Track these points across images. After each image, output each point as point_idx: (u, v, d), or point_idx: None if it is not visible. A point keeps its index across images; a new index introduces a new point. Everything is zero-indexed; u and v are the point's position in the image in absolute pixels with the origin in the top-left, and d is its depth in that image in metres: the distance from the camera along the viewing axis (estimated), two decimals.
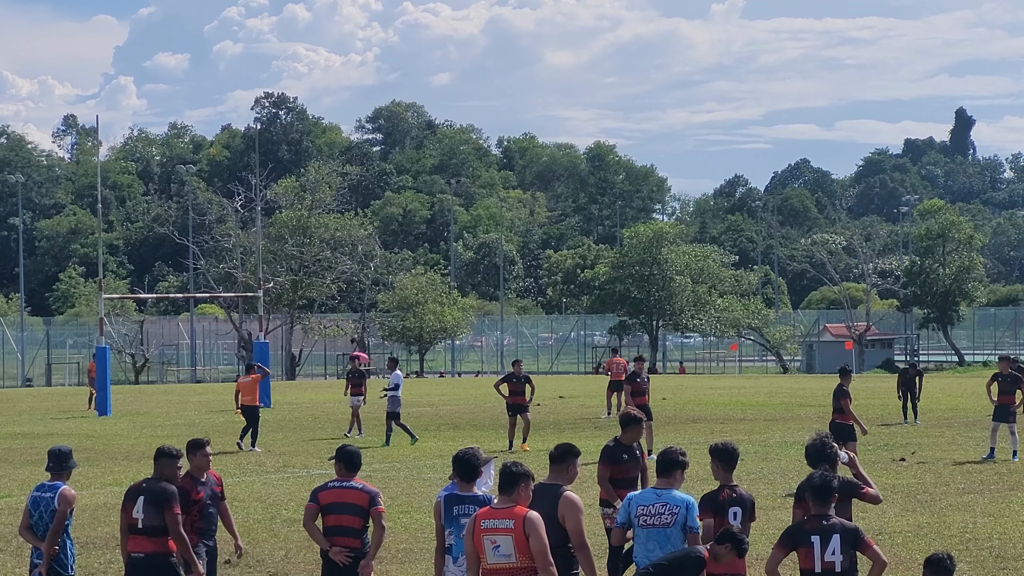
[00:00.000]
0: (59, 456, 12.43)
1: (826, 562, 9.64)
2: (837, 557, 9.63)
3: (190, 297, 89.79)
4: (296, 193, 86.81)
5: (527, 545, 9.46)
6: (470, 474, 10.80)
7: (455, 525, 10.76)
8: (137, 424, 38.95)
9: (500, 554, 9.54)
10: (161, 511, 11.49)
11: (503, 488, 9.70)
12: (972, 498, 20.81)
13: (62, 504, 11.96)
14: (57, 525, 11.91)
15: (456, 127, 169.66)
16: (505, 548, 9.53)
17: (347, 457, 11.72)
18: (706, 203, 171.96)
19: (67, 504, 12.01)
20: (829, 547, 9.65)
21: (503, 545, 9.54)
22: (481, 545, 9.56)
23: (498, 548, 9.54)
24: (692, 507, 10.79)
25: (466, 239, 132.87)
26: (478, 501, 10.71)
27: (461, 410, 42.32)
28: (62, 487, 12.08)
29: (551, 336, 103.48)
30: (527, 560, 9.48)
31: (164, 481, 11.68)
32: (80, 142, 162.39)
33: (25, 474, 26.43)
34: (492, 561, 9.55)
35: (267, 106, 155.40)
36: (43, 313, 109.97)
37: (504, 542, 9.53)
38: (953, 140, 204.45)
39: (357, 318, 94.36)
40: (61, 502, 11.97)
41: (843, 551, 9.64)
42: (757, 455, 26.91)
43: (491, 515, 9.62)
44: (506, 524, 9.54)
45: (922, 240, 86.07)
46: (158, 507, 11.51)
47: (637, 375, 28.46)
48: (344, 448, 11.84)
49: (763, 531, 17.82)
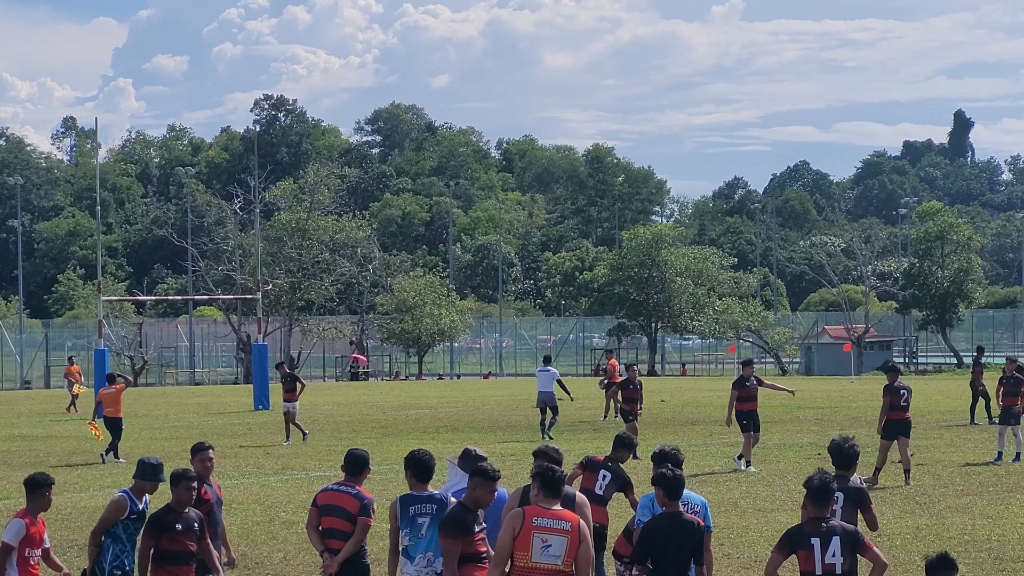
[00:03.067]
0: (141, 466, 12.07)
1: (827, 564, 9.64)
2: (837, 559, 9.64)
3: (189, 299, 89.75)
4: (295, 195, 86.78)
5: (577, 550, 9.54)
6: (425, 474, 10.92)
7: (412, 525, 10.81)
8: (136, 426, 38.90)
9: (550, 554, 9.53)
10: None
11: (549, 490, 9.68)
12: (971, 500, 20.81)
13: (107, 508, 11.81)
14: (96, 526, 11.82)
15: (455, 129, 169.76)
16: (557, 549, 9.54)
17: (351, 460, 11.72)
18: (705, 205, 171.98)
19: (108, 508, 11.79)
20: (829, 549, 9.65)
21: (555, 546, 9.54)
22: (528, 542, 9.51)
23: (548, 548, 9.53)
24: (707, 507, 10.83)
25: (465, 241, 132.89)
26: (435, 501, 10.79)
27: (459, 412, 42.31)
28: (119, 493, 11.87)
29: (550, 338, 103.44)
30: (571, 564, 9.55)
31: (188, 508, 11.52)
32: (79, 144, 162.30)
33: (24, 476, 26.42)
34: (537, 560, 9.52)
35: (266, 108, 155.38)
36: (42, 315, 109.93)
37: (558, 543, 9.53)
38: (952, 142, 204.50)
39: (356, 320, 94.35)
40: (108, 506, 11.83)
41: (843, 553, 9.65)
42: (756, 457, 26.91)
43: (544, 514, 9.59)
44: (563, 526, 9.56)
45: (921, 242, 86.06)
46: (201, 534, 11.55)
47: (631, 382, 28.90)
48: (351, 452, 11.84)
49: (762, 533, 17.83)
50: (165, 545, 11.26)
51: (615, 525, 13.91)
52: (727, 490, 22.18)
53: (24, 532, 11.06)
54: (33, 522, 11.18)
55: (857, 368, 78.53)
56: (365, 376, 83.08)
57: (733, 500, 21.05)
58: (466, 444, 11.53)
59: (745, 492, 22.05)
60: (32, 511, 11.27)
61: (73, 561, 16.94)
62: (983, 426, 33.29)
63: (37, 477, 11.51)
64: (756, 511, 19.98)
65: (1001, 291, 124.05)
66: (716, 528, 16.10)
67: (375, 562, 16.49)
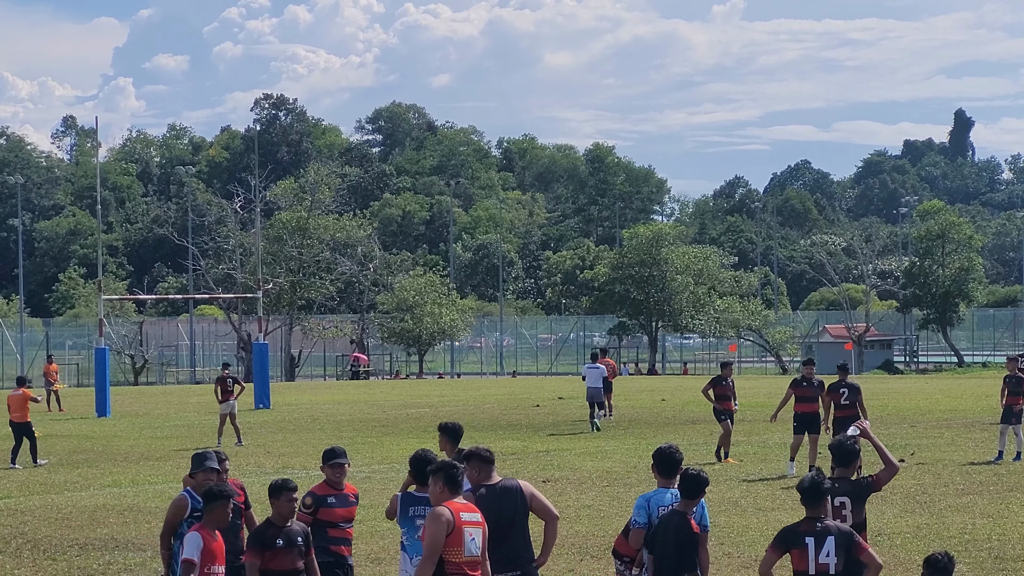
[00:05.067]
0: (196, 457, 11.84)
1: (820, 564, 9.61)
2: (832, 559, 9.60)
3: (189, 298, 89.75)
4: (295, 194, 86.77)
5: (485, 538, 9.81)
6: (424, 475, 10.90)
7: (410, 525, 10.88)
8: (136, 425, 38.93)
9: (476, 546, 9.69)
10: None
11: (454, 485, 9.80)
12: (971, 499, 20.80)
13: (169, 509, 11.64)
14: (163, 528, 11.66)
15: (456, 128, 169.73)
16: (479, 540, 9.75)
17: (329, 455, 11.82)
18: (705, 204, 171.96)
19: (170, 509, 11.62)
20: (824, 549, 9.62)
21: (478, 538, 9.73)
22: (461, 538, 9.62)
23: (474, 540, 9.69)
24: (705, 507, 10.81)
25: (465, 240, 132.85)
26: None
27: (460, 411, 42.28)
28: (180, 493, 11.70)
29: (550, 337, 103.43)
30: (485, 553, 9.79)
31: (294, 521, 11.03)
32: (79, 143, 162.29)
33: (24, 475, 26.44)
34: (469, 554, 9.65)
35: (266, 107, 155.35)
36: (42, 314, 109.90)
37: (480, 535, 9.75)
38: (952, 141, 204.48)
39: (356, 319, 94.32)
40: (169, 507, 11.65)
41: (838, 554, 9.61)
42: (756, 456, 26.92)
43: (465, 509, 9.75)
44: (478, 518, 9.78)
45: (921, 241, 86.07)
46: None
47: (723, 379, 28.24)
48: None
49: (762, 532, 17.83)
50: (268, 563, 10.49)
51: (615, 524, 13.91)
52: (727, 489, 22.18)
53: (203, 546, 10.14)
54: (211, 536, 10.25)
55: (858, 367, 78.51)
56: (366, 375, 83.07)
57: (733, 499, 21.05)
58: (465, 446, 11.52)
59: (745, 491, 22.06)
60: (208, 525, 10.29)
61: (73, 560, 16.96)
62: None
63: (214, 489, 10.44)
64: (756, 510, 19.98)
65: (1002, 290, 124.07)
66: (716, 527, 16.11)
67: (375, 560, 16.51)
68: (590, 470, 25.19)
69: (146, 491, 23.35)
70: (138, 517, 20.14)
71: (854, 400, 23.54)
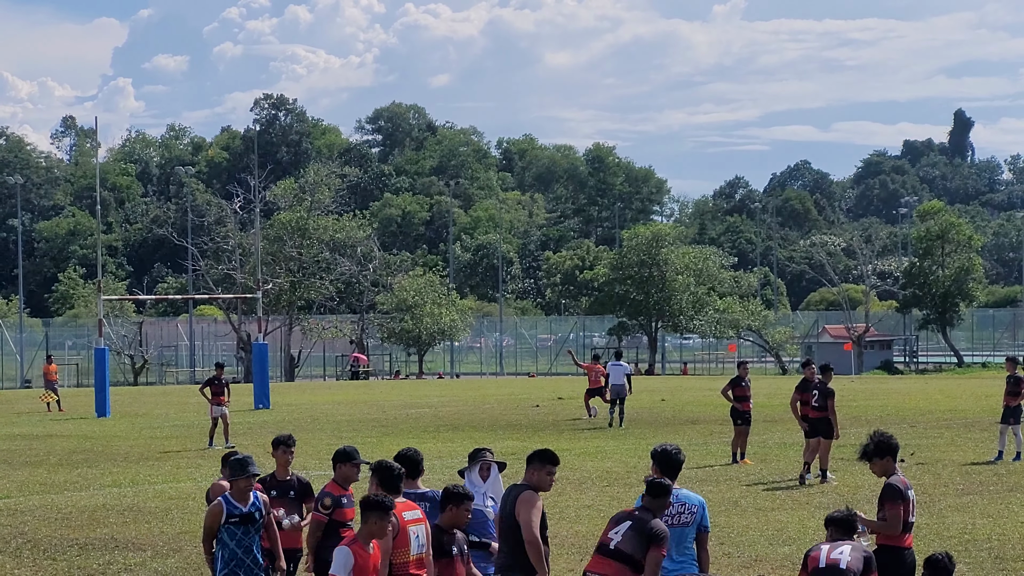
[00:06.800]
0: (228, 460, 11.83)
1: (831, 559, 9.67)
2: (844, 557, 9.66)
3: (189, 298, 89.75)
4: (295, 194, 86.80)
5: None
6: (413, 470, 11.12)
7: None
8: (136, 425, 38.93)
9: (420, 544, 9.79)
10: None
11: (392, 486, 9.99)
12: (971, 499, 20.80)
13: (206, 515, 11.52)
14: (202, 535, 11.56)
15: (456, 128, 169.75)
16: (423, 538, 9.84)
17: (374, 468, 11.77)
18: (705, 204, 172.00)
19: (206, 515, 11.50)
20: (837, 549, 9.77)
21: (421, 535, 9.83)
22: (407, 539, 9.69)
23: (418, 538, 9.78)
24: (705, 507, 10.80)
25: (465, 241, 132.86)
26: (427, 499, 10.86)
27: (460, 411, 42.29)
28: (216, 500, 11.55)
29: (550, 337, 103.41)
30: (429, 550, 9.85)
31: None
32: (79, 144, 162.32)
33: (24, 475, 26.42)
34: (415, 553, 9.74)
35: (266, 108, 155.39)
36: (42, 314, 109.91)
37: (423, 532, 9.85)
38: (952, 142, 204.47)
39: (356, 319, 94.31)
40: (206, 513, 11.53)
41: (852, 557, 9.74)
42: (756, 456, 26.92)
43: (406, 508, 9.84)
44: (418, 515, 9.91)
45: (921, 241, 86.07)
46: None
47: (741, 379, 27.61)
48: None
49: (762, 532, 17.83)
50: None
51: None
52: (727, 489, 22.18)
53: (353, 562, 9.31)
54: (364, 551, 9.38)
55: (857, 367, 78.56)
56: (365, 375, 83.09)
57: (733, 499, 21.05)
58: (466, 446, 11.58)
59: (745, 491, 22.05)
60: (363, 538, 9.44)
61: (73, 560, 16.95)
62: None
63: (373, 499, 9.48)
64: (756, 510, 19.98)
65: (1001, 290, 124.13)
66: (716, 527, 16.10)
67: None
68: (590, 470, 25.19)
69: (146, 491, 23.34)
70: (138, 517, 20.13)
71: (824, 404, 23.15)
